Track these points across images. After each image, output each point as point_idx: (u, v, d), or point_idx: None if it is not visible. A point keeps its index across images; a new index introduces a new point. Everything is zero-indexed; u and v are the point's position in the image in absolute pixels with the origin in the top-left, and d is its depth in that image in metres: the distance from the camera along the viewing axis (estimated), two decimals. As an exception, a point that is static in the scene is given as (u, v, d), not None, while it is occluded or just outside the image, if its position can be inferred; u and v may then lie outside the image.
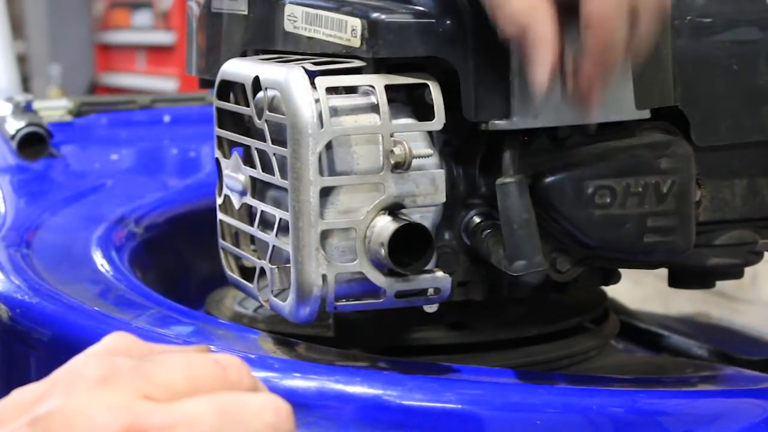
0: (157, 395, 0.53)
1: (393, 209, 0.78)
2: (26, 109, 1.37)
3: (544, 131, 0.81)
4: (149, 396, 0.53)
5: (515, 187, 0.78)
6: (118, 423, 0.51)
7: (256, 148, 0.83)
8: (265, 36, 0.90)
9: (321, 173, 0.76)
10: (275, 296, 0.82)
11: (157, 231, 1.15)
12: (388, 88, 0.78)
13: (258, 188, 0.85)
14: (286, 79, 0.77)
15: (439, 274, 0.79)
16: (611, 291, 1.01)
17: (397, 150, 0.77)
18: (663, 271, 0.92)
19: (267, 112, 0.80)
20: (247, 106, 0.83)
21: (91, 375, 0.53)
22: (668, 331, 1.14)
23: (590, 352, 0.95)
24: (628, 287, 0.94)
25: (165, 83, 5.40)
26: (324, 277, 0.77)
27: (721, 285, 0.91)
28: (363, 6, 0.81)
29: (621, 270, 0.91)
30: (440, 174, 0.79)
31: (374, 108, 0.78)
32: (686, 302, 2.61)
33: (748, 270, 0.91)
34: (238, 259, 0.92)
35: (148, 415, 0.52)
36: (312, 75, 0.78)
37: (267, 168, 0.82)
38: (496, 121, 0.79)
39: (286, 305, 0.79)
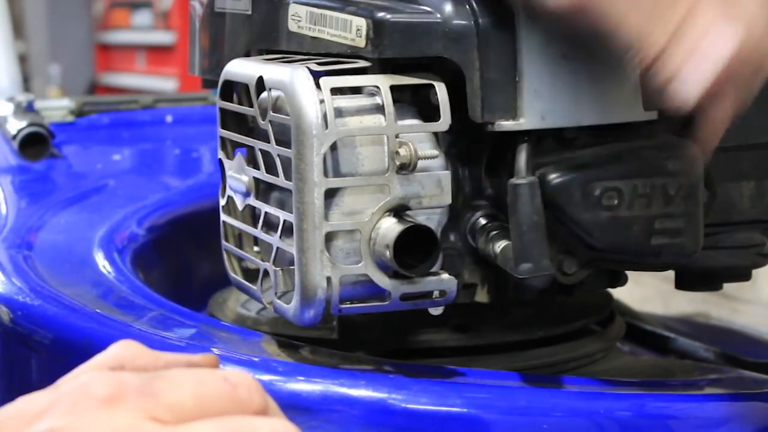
0: (165, 417, 0.52)
1: (398, 211, 0.77)
2: (28, 109, 1.37)
3: (550, 132, 0.81)
4: (156, 418, 0.52)
5: (527, 189, 0.78)
6: None
7: (260, 149, 0.83)
8: (268, 36, 0.89)
9: (325, 174, 0.76)
10: (279, 298, 0.81)
11: (159, 232, 1.14)
12: (394, 89, 0.78)
13: (261, 189, 0.84)
14: (290, 79, 0.77)
15: (445, 276, 0.79)
16: (611, 291, 1.00)
17: (402, 151, 0.76)
18: (668, 273, 0.91)
19: (271, 113, 0.79)
20: (251, 106, 0.82)
21: (97, 393, 0.52)
22: (674, 333, 1.14)
23: (596, 354, 0.94)
24: (628, 287, 0.93)
25: (165, 83, 5.40)
26: (328, 279, 0.76)
27: (721, 285, 0.91)
28: (368, 6, 0.80)
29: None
30: (446, 175, 0.79)
31: (379, 109, 0.77)
32: (686, 302, 2.61)
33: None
34: (241, 260, 0.91)
35: None
36: (316, 75, 0.77)
37: (271, 169, 0.81)
38: (503, 122, 0.79)
39: (290, 308, 0.79)
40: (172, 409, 0.52)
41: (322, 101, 0.76)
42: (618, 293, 1.01)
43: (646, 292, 2.51)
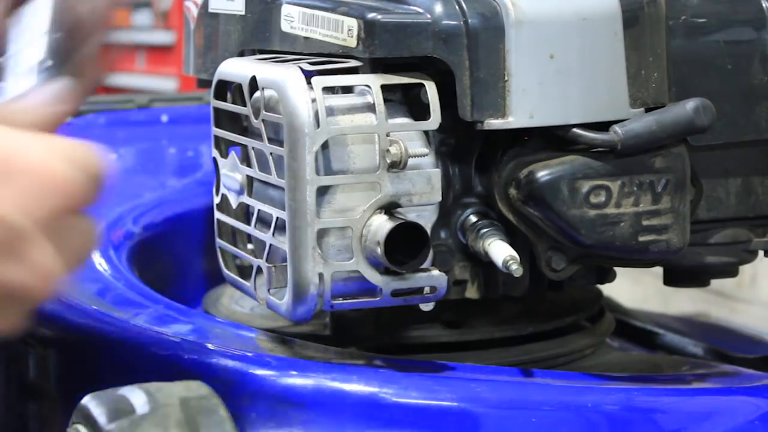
0: None
1: (389, 208, 0.78)
2: (25, 108, 1.37)
3: (539, 130, 0.82)
4: None
5: None
6: None
7: (253, 148, 0.84)
8: (261, 36, 0.90)
9: (317, 172, 0.77)
10: (272, 295, 0.82)
11: (155, 230, 1.15)
12: (384, 88, 0.79)
13: (255, 187, 0.85)
14: (282, 78, 0.78)
15: (435, 272, 0.80)
16: (610, 289, 1.01)
17: (393, 149, 0.77)
18: (662, 270, 0.92)
19: (264, 112, 0.81)
20: (244, 105, 0.83)
21: None
22: (664, 329, 1.14)
23: (586, 350, 0.95)
24: (628, 286, 0.94)
25: (165, 83, 5.40)
26: (320, 275, 0.77)
27: (720, 284, 0.92)
28: (359, 6, 0.81)
29: (620, 269, 0.91)
30: (436, 173, 0.80)
31: (370, 107, 0.79)
32: (686, 301, 2.61)
33: (747, 269, 0.91)
34: (235, 257, 0.92)
35: None
36: (309, 75, 0.78)
37: (264, 167, 0.82)
38: (492, 121, 0.80)
39: (283, 304, 0.80)
40: None
41: (314, 100, 0.77)
42: (618, 292, 1.01)
43: (645, 291, 2.51)
